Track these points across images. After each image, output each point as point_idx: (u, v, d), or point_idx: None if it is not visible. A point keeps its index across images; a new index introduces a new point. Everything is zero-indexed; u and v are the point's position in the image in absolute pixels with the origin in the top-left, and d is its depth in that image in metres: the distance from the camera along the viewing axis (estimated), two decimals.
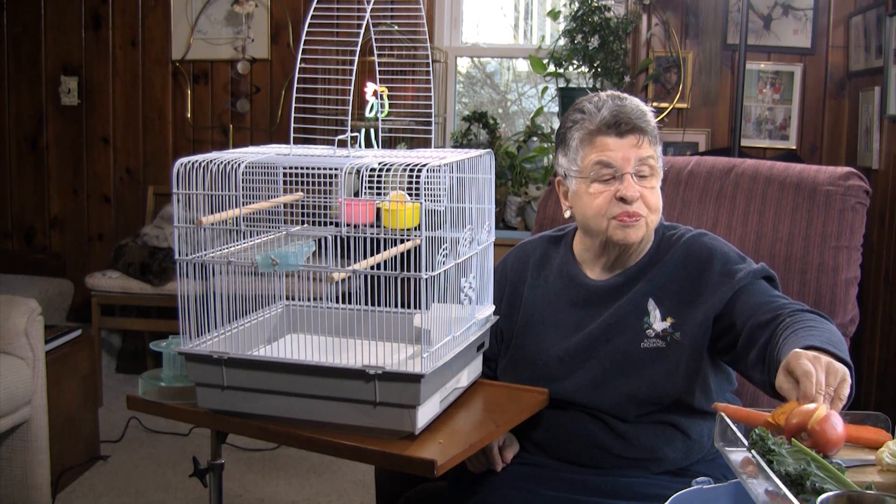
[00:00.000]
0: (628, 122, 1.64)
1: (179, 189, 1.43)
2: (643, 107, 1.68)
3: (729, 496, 1.26)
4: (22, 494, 2.73)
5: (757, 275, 1.65)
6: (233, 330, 1.54)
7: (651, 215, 1.67)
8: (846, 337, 2.07)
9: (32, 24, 4.56)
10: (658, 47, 3.96)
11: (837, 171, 2.15)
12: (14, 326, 2.69)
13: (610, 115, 1.64)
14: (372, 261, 1.40)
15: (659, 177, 1.69)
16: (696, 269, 1.68)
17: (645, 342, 1.65)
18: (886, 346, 3.15)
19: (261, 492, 3.09)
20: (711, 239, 1.73)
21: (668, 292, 1.68)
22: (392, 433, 1.40)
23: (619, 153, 1.64)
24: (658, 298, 1.67)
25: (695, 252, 1.69)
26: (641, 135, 1.64)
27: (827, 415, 1.22)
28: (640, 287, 1.69)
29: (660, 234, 1.75)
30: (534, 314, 1.77)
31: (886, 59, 3.18)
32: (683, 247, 1.71)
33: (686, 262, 1.69)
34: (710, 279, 1.66)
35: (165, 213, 4.19)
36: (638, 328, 1.67)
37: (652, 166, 1.66)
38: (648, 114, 1.68)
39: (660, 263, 1.71)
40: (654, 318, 1.66)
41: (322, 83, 1.52)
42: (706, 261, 1.67)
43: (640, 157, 1.64)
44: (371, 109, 1.57)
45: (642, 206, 1.65)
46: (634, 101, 1.68)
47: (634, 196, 1.63)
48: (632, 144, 1.64)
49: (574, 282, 1.76)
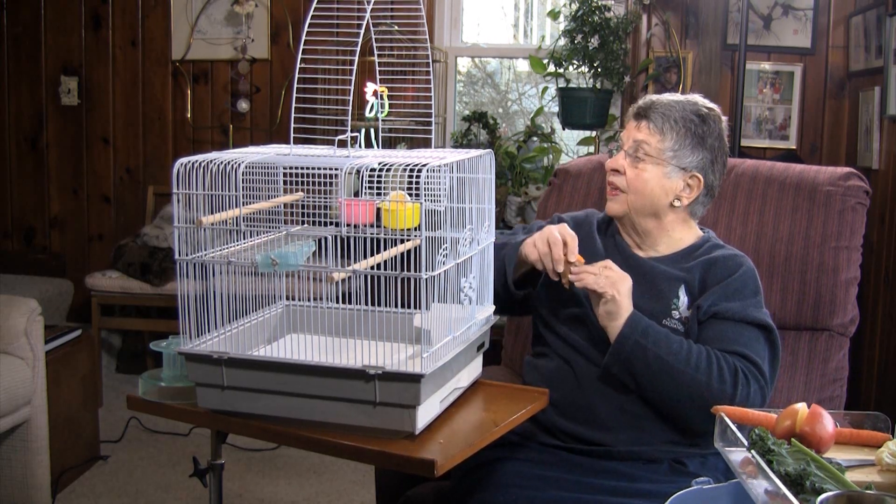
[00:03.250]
0: (644, 109, 1.81)
1: (179, 189, 1.43)
2: (678, 106, 1.79)
3: (729, 496, 1.26)
4: (22, 494, 2.73)
5: (747, 319, 1.71)
6: (233, 330, 1.54)
7: (631, 196, 1.79)
8: (845, 337, 2.08)
9: (32, 24, 4.56)
10: (658, 47, 3.96)
11: (837, 171, 2.15)
12: (14, 326, 2.69)
13: (640, 103, 1.83)
14: (372, 261, 1.40)
15: (655, 166, 1.78)
16: (717, 276, 1.76)
17: (667, 320, 1.74)
18: (886, 346, 3.15)
19: (261, 492, 3.09)
20: (747, 264, 1.80)
21: (695, 288, 1.77)
22: (392, 433, 1.40)
23: (627, 133, 1.83)
24: (688, 289, 1.77)
25: (727, 263, 1.78)
26: (647, 122, 1.79)
27: (811, 412, 1.23)
28: (675, 272, 1.78)
29: (704, 239, 1.86)
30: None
31: (886, 59, 3.18)
32: (721, 257, 1.79)
33: (715, 268, 1.77)
34: (717, 287, 1.74)
35: (165, 213, 4.19)
36: (666, 305, 1.76)
37: (646, 151, 1.78)
38: (675, 111, 1.78)
39: (697, 260, 1.80)
40: (682, 304, 1.76)
41: (322, 83, 1.52)
42: (728, 273, 1.76)
43: (636, 139, 1.80)
44: (371, 109, 1.57)
45: (624, 182, 1.80)
46: (673, 99, 1.81)
47: (612, 166, 1.81)
48: (636, 127, 1.81)
49: (618, 248, 1.87)
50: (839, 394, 2.05)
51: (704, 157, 1.79)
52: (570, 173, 2.34)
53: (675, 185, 1.79)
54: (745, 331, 1.71)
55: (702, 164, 1.79)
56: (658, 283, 1.78)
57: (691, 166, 1.78)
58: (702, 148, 1.79)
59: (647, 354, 1.64)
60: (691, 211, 1.84)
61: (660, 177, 1.78)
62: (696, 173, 1.79)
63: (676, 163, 1.77)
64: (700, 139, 1.78)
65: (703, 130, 1.79)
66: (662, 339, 1.66)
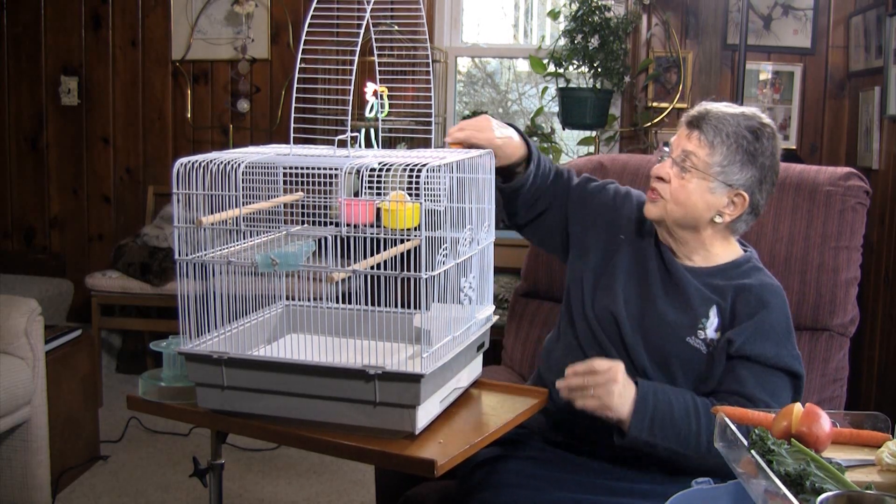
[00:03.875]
0: (697, 119, 1.74)
1: (179, 189, 1.43)
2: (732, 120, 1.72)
3: (729, 496, 1.26)
4: (22, 494, 2.73)
5: (778, 365, 1.67)
6: (233, 330, 1.54)
7: (671, 205, 1.73)
8: (845, 337, 2.08)
9: (32, 24, 4.56)
10: (658, 47, 3.95)
11: (837, 171, 2.15)
12: (14, 326, 2.69)
13: (695, 110, 1.77)
14: (372, 261, 1.40)
15: (700, 179, 1.71)
16: (748, 307, 1.71)
17: (691, 339, 1.71)
18: (886, 346, 3.15)
19: (261, 492, 3.09)
20: (779, 297, 1.74)
21: (726, 312, 1.72)
22: (392, 433, 1.40)
23: (677, 140, 1.77)
24: (720, 311, 1.72)
25: (761, 295, 1.72)
26: (699, 132, 1.72)
27: (807, 412, 1.23)
28: (709, 291, 1.74)
29: (745, 258, 1.80)
30: (618, 247, 1.84)
31: (886, 59, 3.18)
32: (756, 286, 1.73)
33: (748, 296, 1.72)
34: (750, 323, 1.69)
35: (165, 213, 4.19)
36: (693, 321, 1.72)
37: (693, 163, 1.71)
38: (728, 124, 1.71)
39: (732, 282, 1.74)
40: (710, 326, 1.71)
41: (322, 83, 1.52)
42: (761, 306, 1.71)
43: (685, 149, 1.73)
44: (371, 109, 1.57)
45: (667, 190, 1.73)
46: (728, 112, 1.74)
47: (658, 173, 1.75)
48: (687, 136, 1.75)
49: (658, 249, 1.82)
50: (839, 394, 2.05)
51: (753, 175, 1.71)
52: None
53: (718, 201, 1.72)
54: (774, 377, 1.67)
55: (749, 183, 1.71)
56: (690, 296, 1.73)
57: (738, 184, 1.71)
58: (752, 166, 1.71)
59: (658, 449, 1.61)
60: (732, 228, 1.78)
61: (704, 191, 1.71)
62: (741, 191, 1.71)
63: (723, 179, 1.70)
64: (751, 156, 1.70)
65: (755, 148, 1.71)
66: (669, 427, 1.60)
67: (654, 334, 1.73)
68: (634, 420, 1.59)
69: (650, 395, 1.61)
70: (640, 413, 1.59)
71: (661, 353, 1.71)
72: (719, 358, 1.68)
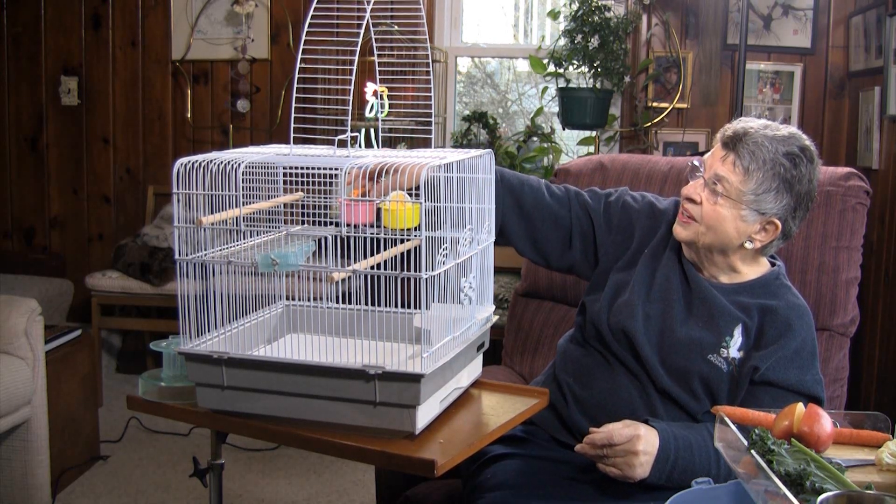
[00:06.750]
0: (734, 140, 1.66)
1: (179, 189, 1.43)
2: (770, 146, 1.64)
3: (729, 496, 1.26)
4: (22, 494, 2.73)
5: (802, 391, 1.65)
6: (233, 330, 1.54)
7: (703, 228, 1.69)
8: (846, 337, 2.08)
9: (32, 24, 4.56)
10: (658, 47, 3.96)
11: (838, 171, 2.15)
12: (14, 326, 2.69)
13: (732, 129, 1.69)
14: (372, 261, 1.40)
15: (731, 205, 1.66)
16: (775, 331, 1.68)
17: (713, 356, 1.68)
18: (886, 346, 3.15)
19: (261, 492, 3.09)
20: (805, 320, 1.71)
21: (751, 332, 1.69)
22: (392, 433, 1.40)
23: (711, 159, 1.70)
24: (745, 330, 1.69)
25: (788, 319, 1.69)
26: (734, 156, 1.65)
27: (809, 412, 1.23)
28: (735, 309, 1.71)
29: (773, 274, 1.76)
30: (644, 261, 1.81)
31: (886, 59, 3.18)
32: (783, 308, 1.70)
33: (774, 319, 1.69)
34: (775, 348, 1.67)
35: (165, 213, 4.19)
36: (717, 339, 1.69)
37: (725, 189, 1.66)
38: (766, 150, 1.63)
39: (758, 300, 1.71)
40: (734, 345, 1.68)
41: (322, 83, 1.52)
42: (786, 329, 1.68)
43: (718, 173, 1.67)
44: (371, 109, 1.56)
45: (698, 212, 1.69)
46: (767, 134, 1.65)
47: (689, 195, 1.70)
48: (721, 157, 1.68)
49: (682, 266, 1.78)
50: (839, 394, 2.05)
51: (788, 203, 1.65)
52: (570, 173, 2.34)
53: (750, 229, 1.67)
54: (795, 402, 1.67)
55: (783, 211, 1.66)
56: (714, 313, 1.70)
57: (771, 212, 1.65)
58: (787, 193, 1.64)
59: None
60: (762, 251, 1.74)
61: (735, 218, 1.66)
62: (774, 219, 1.66)
63: (756, 207, 1.65)
64: (787, 184, 1.64)
65: (792, 175, 1.64)
66: (689, 472, 1.57)
67: (674, 352, 1.70)
68: (654, 471, 1.58)
69: (671, 446, 1.59)
70: (661, 463, 1.58)
71: (681, 370, 1.69)
72: (742, 381, 1.66)
